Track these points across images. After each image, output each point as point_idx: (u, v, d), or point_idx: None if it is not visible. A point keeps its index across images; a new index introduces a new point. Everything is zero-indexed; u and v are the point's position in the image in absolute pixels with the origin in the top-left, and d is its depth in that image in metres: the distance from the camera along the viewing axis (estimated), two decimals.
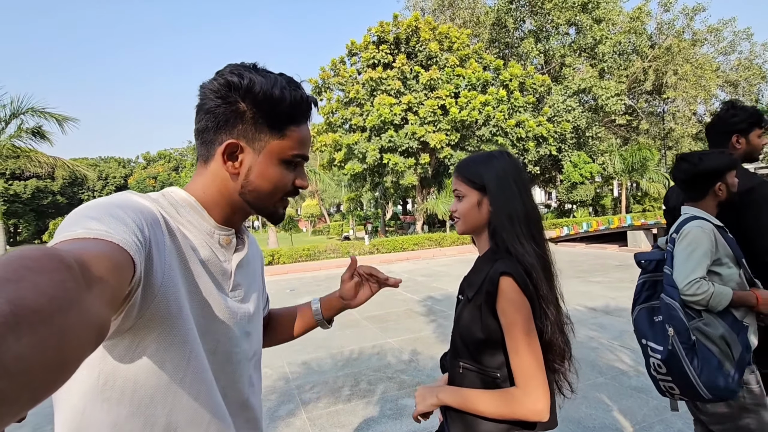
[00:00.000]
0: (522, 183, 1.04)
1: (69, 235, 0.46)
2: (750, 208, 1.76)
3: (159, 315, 0.59)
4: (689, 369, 1.40)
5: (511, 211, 1.00)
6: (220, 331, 0.71)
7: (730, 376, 1.38)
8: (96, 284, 0.38)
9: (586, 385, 3.25)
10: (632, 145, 23.20)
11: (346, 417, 3.03)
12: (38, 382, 0.28)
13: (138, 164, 56.40)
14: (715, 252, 1.50)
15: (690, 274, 1.45)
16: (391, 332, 5.15)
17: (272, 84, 0.69)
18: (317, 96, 19.39)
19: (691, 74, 22.53)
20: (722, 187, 1.61)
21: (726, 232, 1.57)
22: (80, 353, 0.33)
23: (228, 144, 0.69)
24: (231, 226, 0.76)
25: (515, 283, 0.92)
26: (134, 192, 0.64)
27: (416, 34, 18.16)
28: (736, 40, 24.87)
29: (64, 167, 14.25)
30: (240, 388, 0.77)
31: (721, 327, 1.42)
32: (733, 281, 1.50)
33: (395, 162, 16.84)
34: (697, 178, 1.63)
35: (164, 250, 0.60)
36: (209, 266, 0.71)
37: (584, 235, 14.10)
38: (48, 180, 44.76)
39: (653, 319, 1.55)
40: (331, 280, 9.83)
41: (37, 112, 12.01)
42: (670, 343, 1.44)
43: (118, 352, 0.59)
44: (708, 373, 1.38)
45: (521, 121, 17.92)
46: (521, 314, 0.91)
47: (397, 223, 26.99)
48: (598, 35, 21.52)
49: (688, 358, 1.40)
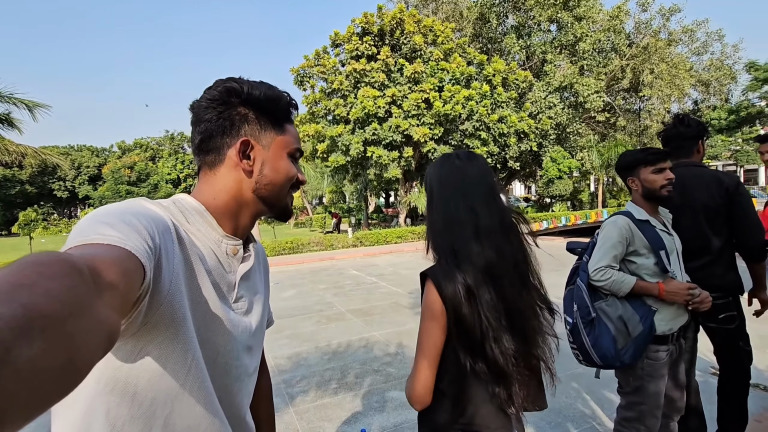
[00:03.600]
0: (462, 184, 1.04)
1: (82, 240, 0.47)
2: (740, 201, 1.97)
3: (164, 322, 0.59)
4: (585, 339, 1.71)
5: (435, 223, 1.07)
6: (220, 342, 0.71)
7: (622, 349, 1.64)
8: (107, 290, 0.39)
9: (565, 376, 3.38)
10: (609, 141, 23.80)
11: (334, 410, 3.08)
12: (49, 387, 0.29)
13: (112, 153, 54.35)
14: (632, 243, 1.72)
15: (597, 262, 1.71)
16: (376, 325, 5.20)
17: (267, 87, 0.75)
18: (299, 85, 19.13)
19: (666, 73, 23.16)
20: (635, 181, 1.80)
21: (648, 225, 1.76)
22: (91, 358, 0.34)
23: (242, 141, 0.73)
24: (239, 234, 0.77)
25: (431, 285, 1.00)
26: (146, 199, 0.65)
27: (400, 26, 18.06)
28: (709, 41, 25.65)
29: (34, 156, 13.61)
30: (238, 403, 0.77)
31: (620, 308, 1.68)
32: (648, 269, 1.71)
33: (379, 155, 16.81)
34: (618, 173, 1.90)
35: (173, 257, 0.61)
36: (214, 276, 0.71)
37: (563, 229, 14.46)
38: (16, 169, 42.80)
39: (572, 297, 1.84)
40: (315, 274, 9.82)
41: (5, 97, 11.43)
42: (574, 316, 1.77)
43: (120, 356, 0.59)
44: (601, 344, 1.67)
45: (504, 116, 18.13)
46: (426, 312, 1.01)
47: (380, 216, 27.03)
48: (578, 32, 21.86)
49: (585, 330, 1.72)
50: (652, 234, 1.74)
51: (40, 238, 19.62)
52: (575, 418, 2.79)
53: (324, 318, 5.74)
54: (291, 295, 7.50)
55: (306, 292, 7.64)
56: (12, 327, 0.26)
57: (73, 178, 49.35)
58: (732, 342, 2.06)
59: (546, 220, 15.64)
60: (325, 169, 21.62)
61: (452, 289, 0.97)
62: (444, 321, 0.99)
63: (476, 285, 0.97)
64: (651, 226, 1.76)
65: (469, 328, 0.97)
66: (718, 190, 1.99)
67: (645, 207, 1.81)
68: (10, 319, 0.26)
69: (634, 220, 1.76)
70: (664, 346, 1.70)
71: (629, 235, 1.72)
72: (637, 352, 1.65)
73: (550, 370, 1.06)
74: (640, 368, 1.71)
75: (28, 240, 20.38)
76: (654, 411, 1.72)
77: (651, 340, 1.66)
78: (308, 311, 6.16)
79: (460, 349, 0.99)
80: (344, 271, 9.98)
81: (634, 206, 1.84)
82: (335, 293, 7.41)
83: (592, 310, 1.72)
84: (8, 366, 0.25)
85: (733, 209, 1.98)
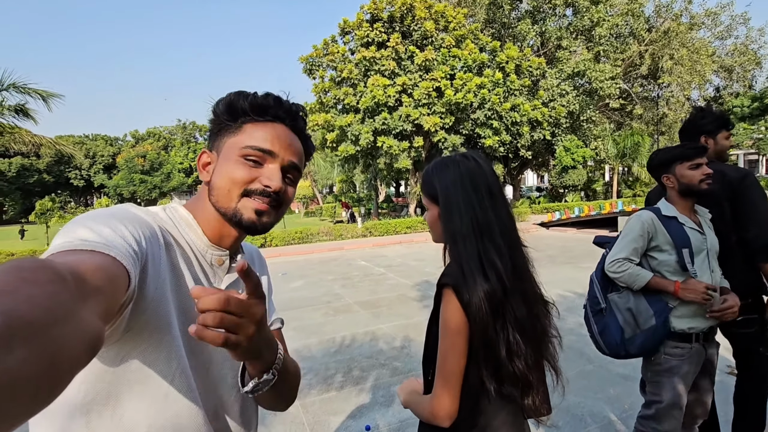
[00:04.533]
0: (480, 189, 0.98)
1: (66, 245, 0.47)
2: (745, 194, 1.88)
3: (148, 329, 0.58)
4: (594, 327, 1.81)
5: (456, 231, 0.97)
6: (206, 352, 0.70)
7: (629, 340, 1.69)
8: (90, 296, 0.38)
9: (574, 374, 3.32)
10: (625, 130, 23.22)
11: (339, 404, 3.07)
12: (30, 396, 0.28)
13: (126, 142, 55.08)
14: (654, 238, 1.72)
15: (616, 254, 1.73)
16: (383, 318, 5.19)
17: (236, 93, 0.72)
18: (309, 74, 18.97)
19: (687, 59, 22.40)
20: (670, 178, 1.77)
21: (676, 221, 1.73)
22: (74, 366, 0.33)
23: (201, 154, 0.75)
24: (224, 244, 0.74)
25: (453, 295, 0.92)
26: (134, 205, 0.65)
27: (411, 12, 17.70)
28: (733, 25, 24.70)
29: (50, 146, 13.85)
30: (236, 413, 0.76)
31: (632, 301, 1.71)
32: (669, 266, 1.70)
33: (389, 145, 16.68)
34: (651, 172, 1.86)
35: (159, 264, 0.61)
36: (201, 284, 0.70)
37: (576, 220, 14.22)
38: (34, 158, 43.75)
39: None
40: (324, 264, 9.85)
41: (20, 88, 11.57)
42: (585, 305, 1.89)
43: (101, 364, 0.58)
44: (608, 334, 1.74)
45: (516, 104, 17.77)
46: (449, 325, 0.92)
47: (390, 205, 26.96)
48: (595, 17, 21.20)
49: (594, 319, 1.81)
50: (678, 231, 1.70)
51: (57, 226, 20.12)
52: (584, 416, 2.73)
53: (331, 310, 5.75)
54: (299, 285, 7.53)
55: (314, 283, 7.67)
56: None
57: (88, 167, 50.28)
58: (751, 347, 1.97)
59: (559, 210, 15.41)
60: (335, 158, 21.56)
61: (477, 300, 0.88)
62: (467, 336, 0.91)
63: (504, 294, 0.91)
64: (679, 223, 1.72)
65: (493, 343, 0.91)
66: (720, 184, 1.89)
67: (679, 205, 1.76)
68: None
69: (660, 216, 1.74)
70: (685, 344, 1.68)
71: (652, 229, 1.71)
72: (646, 345, 1.67)
73: (555, 369, 1.03)
74: (658, 363, 1.72)
75: (44, 229, 20.87)
76: (672, 411, 1.69)
77: (666, 336, 1.67)
78: (316, 302, 6.17)
79: (484, 371, 0.92)
80: (353, 262, 9.99)
81: (665, 203, 1.79)
82: (343, 284, 7.42)
83: (602, 300, 1.78)
84: None
85: (737, 204, 1.89)
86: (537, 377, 0.98)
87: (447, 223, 0.99)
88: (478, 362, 0.92)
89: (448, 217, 0.99)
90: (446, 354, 0.92)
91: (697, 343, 1.69)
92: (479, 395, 0.94)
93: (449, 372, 0.92)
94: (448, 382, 0.92)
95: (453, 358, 0.92)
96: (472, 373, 0.93)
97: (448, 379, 0.92)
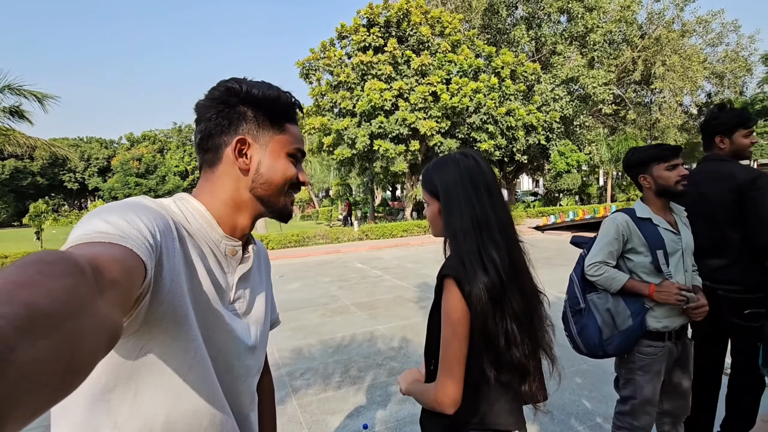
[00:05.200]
0: (479, 187, 1.02)
1: (84, 238, 0.47)
2: (755, 197, 1.86)
3: (165, 320, 0.59)
4: (572, 327, 1.82)
5: (456, 226, 1.01)
6: (220, 341, 0.71)
7: (607, 340, 1.71)
8: (108, 289, 0.39)
9: (569, 372, 3.36)
10: (619, 135, 23.45)
11: (337, 404, 3.08)
12: (52, 385, 0.29)
13: (121, 145, 54.67)
14: (629, 241, 1.74)
15: (593, 257, 1.76)
16: (380, 319, 5.21)
17: (267, 87, 0.75)
18: (305, 78, 19.04)
19: (679, 65, 22.68)
20: (647, 178, 1.77)
21: (650, 223, 1.74)
22: (93, 357, 0.34)
23: (238, 140, 0.73)
24: (238, 235, 0.77)
25: (455, 285, 0.95)
26: (147, 197, 0.66)
27: (407, 17, 17.84)
28: (724, 32, 25.04)
29: (44, 148, 13.77)
30: (241, 402, 0.77)
31: (610, 302, 1.73)
32: (645, 267, 1.72)
33: (385, 148, 16.73)
34: (627, 171, 1.87)
35: (174, 256, 0.62)
36: (213, 276, 0.71)
37: (570, 224, 14.33)
38: (27, 160, 43.35)
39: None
40: (320, 267, 9.84)
41: (14, 89, 11.51)
42: (563, 305, 1.90)
43: (121, 354, 0.59)
44: (587, 334, 1.76)
45: (512, 109, 17.92)
46: (451, 314, 0.95)
47: (386, 209, 27.00)
48: (589, 23, 21.46)
49: (573, 319, 1.83)
50: (652, 232, 1.72)
51: (51, 229, 19.92)
52: (579, 414, 2.77)
53: (328, 311, 5.76)
54: (295, 287, 7.53)
55: (311, 285, 7.67)
56: (15, 326, 0.26)
57: (83, 169, 49.83)
58: (752, 343, 1.97)
59: (554, 214, 15.52)
60: (331, 161, 21.60)
61: (477, 291, 0.92)
62: (468, 324, 0.94)
63: (503, 286, 0.94)
64: (653, 224, 1.74)
65: (493, 334, 0.94)
66: (729, 185, 1.91)
67: (654, 205, 1.78)
68: (14, 318, 0.27)
69: (635, 218, 1.75)
70: (659, 343, 1.71)
71: (627, 232, 1.74)
72: (623, 345, 1.70)
73: (551, 357, 1.06)
74: (632, 362, 1.74)
75: (38, 231, 20.66)
76: (646, 407, 1.73)
77: (642, 336, 1.70)
78: (313, 304, 6.18)
79: (485, 359, 0.96)
80: (349, 264, 9.99)
81: (641, 204, 1.81)
82: (340, 286, 7.42)
83: (582, 300, 1.81)
84: (12, 365, 0.25)
85: (746, 205, 1.88)
86: (534, 365, 1.01)
87: (447, 219, 1.03)
88: (478, 351, 0.95)
89: (449, 213, 1.03)
90: (449, 342, 0.95)
91: (669, 341, 1.73)
92: (480, 383, 0.97)
93: (452, 359, 0.95)
94: (452, 369, 0.95)
95: (455, 345, 0.94)
96: (472, 362, 0.96)
97: (452, 367, 0.95)
